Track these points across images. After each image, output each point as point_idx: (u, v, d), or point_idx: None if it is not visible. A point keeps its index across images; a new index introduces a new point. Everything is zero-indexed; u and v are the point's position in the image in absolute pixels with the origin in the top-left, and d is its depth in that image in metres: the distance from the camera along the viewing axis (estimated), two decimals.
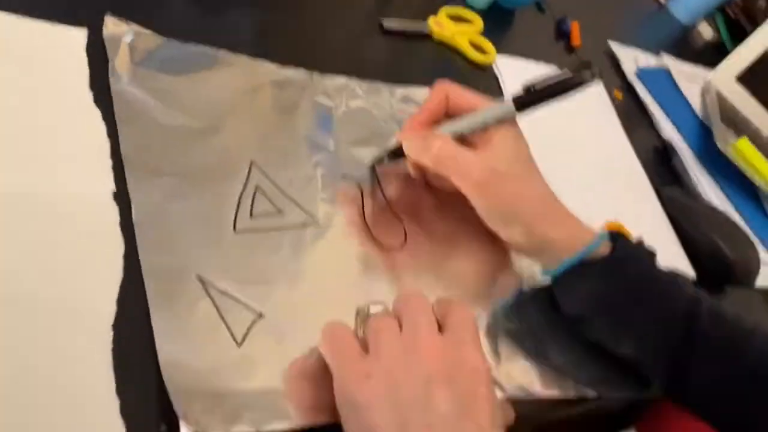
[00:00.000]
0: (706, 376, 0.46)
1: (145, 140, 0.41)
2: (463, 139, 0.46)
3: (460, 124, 0.46)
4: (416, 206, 0.50)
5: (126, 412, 0.31)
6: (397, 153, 0.47)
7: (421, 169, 0.47)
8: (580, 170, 0.68)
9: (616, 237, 0.47)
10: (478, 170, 0.44)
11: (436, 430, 0.32)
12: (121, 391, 0.31)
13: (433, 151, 0.45)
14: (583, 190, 0.66)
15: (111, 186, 0.38)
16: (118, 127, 0.40)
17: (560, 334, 0.49)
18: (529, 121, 0.66)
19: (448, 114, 0.48)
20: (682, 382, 0.47)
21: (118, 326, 0.33)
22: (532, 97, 0.45)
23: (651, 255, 0.48)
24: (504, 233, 0.47)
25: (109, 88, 0.41)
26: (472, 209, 0.46)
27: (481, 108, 0.46)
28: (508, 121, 0.46)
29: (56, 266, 0.34)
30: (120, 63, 0.43)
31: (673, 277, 0.48)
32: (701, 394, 0.47)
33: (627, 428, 0.93)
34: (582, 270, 0.46)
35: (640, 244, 0.48)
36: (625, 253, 0.46)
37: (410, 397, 0.32)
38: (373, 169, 0.49)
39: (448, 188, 0.46)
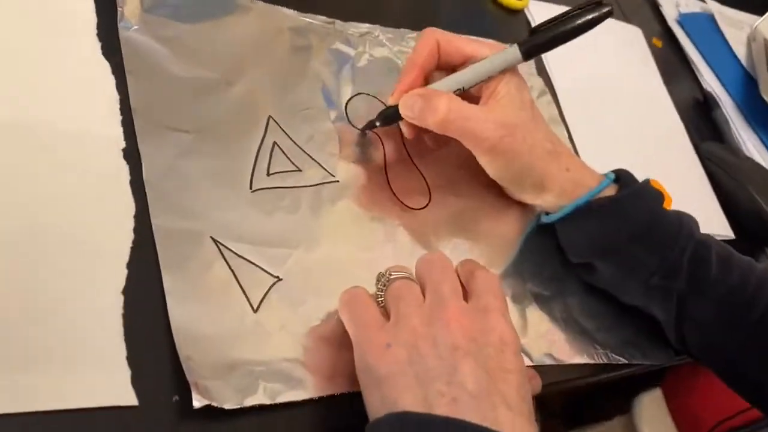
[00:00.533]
0: (712, 323, 0.44)
1: (157, 93, 0.38)
2: (464, 94, 0.43)
3: (463, 79, 0.42)
4: (424, 159, 0.47)
5: (137, 381, 0.30)
6: (391, 116, 0.43)
7: (417, 130, 0.44)
8: (616, 122, 0.65)
9: (621, 179, 0.46)
10: (491, 130, 0.41)
11: (462, 405, 0.30)
12: (132, 360, 0.30)
13: (440, 114, 0.41)
14: (618, 143, 0.63)
15: (121, 143, 0.36)
16: (127, 79, 0.38)
17: (588, 297, 0.47)
18: (563, 69, 0.63)
19: (440, 65, 0.44)
20: (688, 329, 0.45)
21: (128, 292, 0.32)
22: (538, 40, 0.41)
23: (657, 195, 0.46)
24: (513, 187, 0.46)
25: (118, 38, 0.39)
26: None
27: (479, 56, 0.43)
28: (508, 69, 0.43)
29: (62, 228, 0.32)
30: (129, 9, 0.40)
31: (678, 218, 0.45)
32: (707, 341, 0.45)
33: (652, 389, 0.92)
34: (585, 212, 0.44)
35: (645, 182, 0.46)
36: (629, 193, 0.44)
37: (434, 369, 0.31)
38: (363, 134, 0.45)
39: (449, 139, 0.43)
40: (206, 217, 0.36)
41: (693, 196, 0.63)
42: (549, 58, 0.63)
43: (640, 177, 0.61)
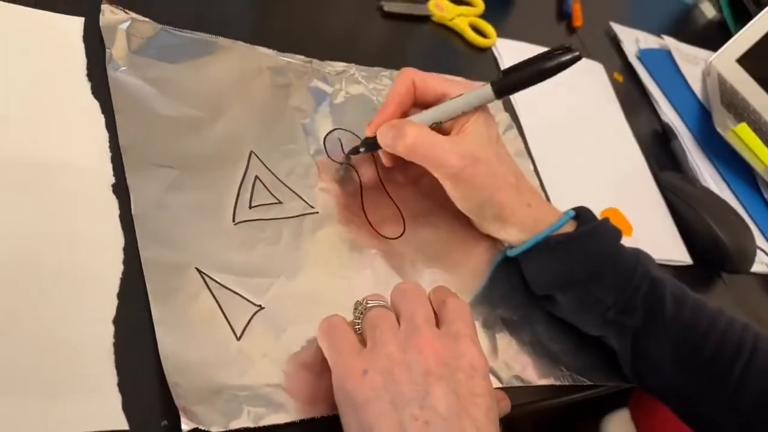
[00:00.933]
0: (666, 360, 0.46)
1: (144, 131, 0.40)
2: (439, 127, 0.46)
3: (439, 113, 0.46)
4: (400, 192, 0.50)
5: (128, 407, 0.31)
6: (372, 144, 0.46)
7: (394, 158, 0.47)
8: (579, 153, 0.68)
9: (580, 216, 0.48)
10: (454, 159, 0.44)
11: (434, 427, 0.32)
12: (123, 386, 0.32)
13: (408, 140, 0.44)
14: (582, 175, 0.66)
15: (110, 179, 0.38)
16: (116, 118, 0.40)
17: (554, 323, 0.50)
18: (528, 103, 0.66)
19: (416, 102, 0.47)
20: (642, 364, 0.47)
21: (119, 321, 0.33)
22: (510, 80, 0.44)
23: (615, 233, 0.48)
24: (477, 218, 0.48)
25: (107, 79, 0.41)
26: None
27: (452, 94, 0.46)
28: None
29: (54, 261, 0.34)
30: (117, 51, 0.42)
31: (635, 256, 0.47)
32: (661, 377, 0.47)
33: (620, 409, 0.95)
34: (545, 248, 0.47)
35: (605, 222, 0.48)
36: (587, 230, 0.47)
37: (408, 393, 0.33)
38: (348, 159, 0.48)
39: (422, 173, 0.46)
40: (192, 249, 0.38)
41: (653, 224, 0.67)
42: (515, 93, 0.66)
43: (603, 206, 0.64)
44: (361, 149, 0.47)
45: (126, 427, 0.31)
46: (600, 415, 0.94)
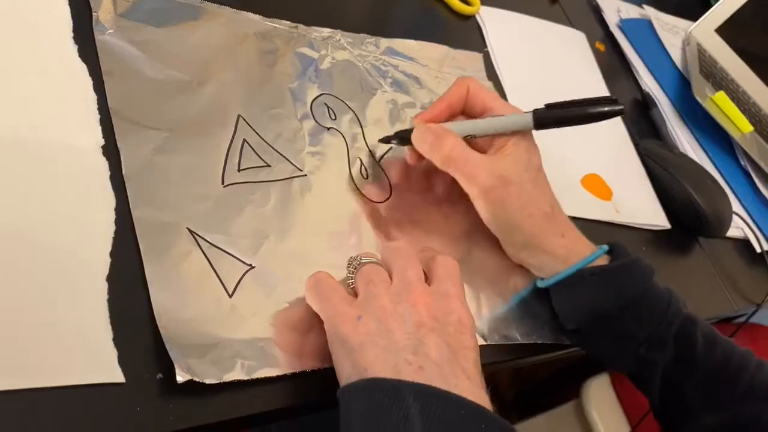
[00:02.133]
0: (697, 398, 0.46)
1: (132, 93, 0.41)
2: (474, 141, 0.47)
3: (475, 127, 0.46)
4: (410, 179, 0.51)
5: (124, 361, 0.32)
6: (405, 138, 0.47)
7: (420, 159, 0.47)
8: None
9: (614, 250, 0.48)
10: (485, 175, 0.44)
11: (427, 372, 0.33)
12: (118, 341, 0.32)
13: (444, 150, 0.44)
14: (562, 140, 0.66)
15: (100, 140, 0.38)
16: (104, 80, 0.40)
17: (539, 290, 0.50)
18: (511, 68, 0.67)
19: (465, 110, 0.48)
20: (674, 400, 0.47)
21: (112, 279, 0.34)
22: (551, 115, 0.45)
23: (648, 269, 0.47)
24: (504, 240, 0.48)
25: (94, 41, 0.41)
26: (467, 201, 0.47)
27: (497, 111, 0.46)
28: (524, 132, 0.46)
29: (47, 221, 0.34)
30: (103, 14, 0.42)
31: (668, 293, 0.47)
32: (692, 415, 0.47)
33: (600, 374, 0.97)
34: (577, 280, 0.46)
35: (638, 258, 0.47)
36: (620, 264, 0.46)
37: (402, 341, 0.34)
38: (383, 142, 0.49)
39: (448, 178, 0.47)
40: (182, 209, 0.38)
41: (633, 190, 0.68)
42: (499, 59, 0.67)
43: (584, 171, 0.65)
44: (393, 141, 0.48)
45: (122, 380, 0.32)
46: (581, 380, 0.97)
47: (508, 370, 1.07)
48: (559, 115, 0.45)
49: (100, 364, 0.32)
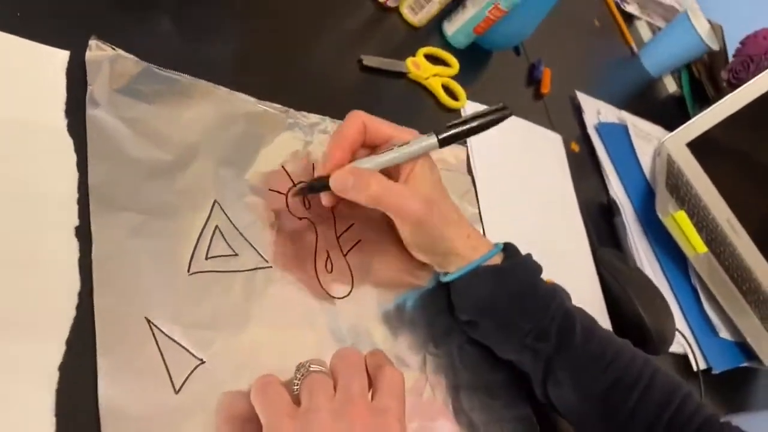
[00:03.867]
0: (571, 385, 0.52)
1: (113, 173, 0.41)
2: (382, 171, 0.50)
3: (387, 159, 0.49)
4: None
5: None
6: (319, 187, 0.49)
7: (337, 200, 0.50)
8: (525, 219, 0.71)
9: (508, 249, 0.54)
10: (416, 206, 0.49)
11: None
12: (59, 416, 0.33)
13: (371, 191, 0.47)
14: (523, 239, 0.69)
15: (75, 220, 0.39)
16: (88, 158, 0.40)
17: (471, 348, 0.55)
18: (484, 164, 0.69)
19: (365, 144, 0.51)
20: (551, 388, 0.53)
21: (64, 368, 0.34)
22: (452, 134, 0.49)
23: (537, 268, 0.54)
24: (426, 254, 0.53)
25: (84, 117, 0.42)
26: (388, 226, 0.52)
27: (398, 138, 0.50)
28: None
29: (6, 302, 0.34)
30: (98, 88, 0.43)
31: (553, 289, 0.53)
32: (565, 400, 0.53)
33: None
34: (474, 275, 0.52)
35: (528, 256, 0.54)
36: (512, 263, 0.52)
37: None
38: (295, 195, 0.51)
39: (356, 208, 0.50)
40: (144, 297, 0.39)
41: (584, 298, 0.70)
42: (475, 155, 0.69)
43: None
44: (306, 191, 0.50)
45: None
46: None
47: None
48: (458, 131, 0.49)
49: None
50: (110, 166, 0.41)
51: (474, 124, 0.50)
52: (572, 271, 0.72)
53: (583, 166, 0.86)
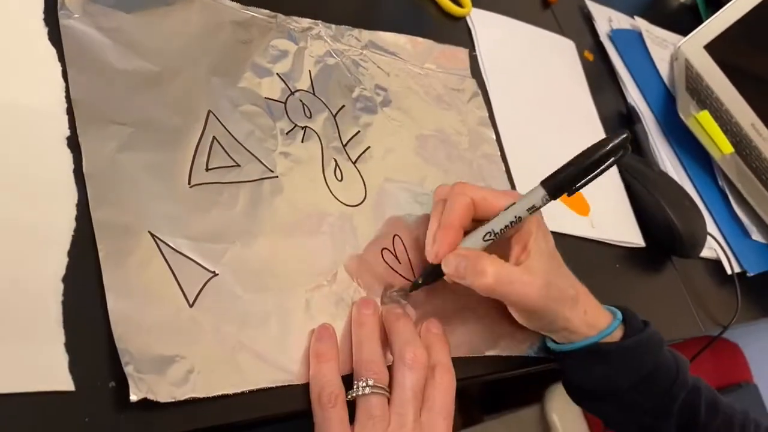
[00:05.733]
0: None
1: (97, 85, 0.38)
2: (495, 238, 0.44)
3: (492, 225, 0.43)
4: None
5: (75, 367, 0.31)
6: (433, 274, 0.44)
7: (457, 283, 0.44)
8: (543, 129, 0.68)
9: (628, 321, 0.48)
10: (535, 294, 0.43)
11: None
12: (70, 346, 0.31)
13: (488, 280, 0.41)
14: (544, 150, 0.66)
15: (65, 131, 0.36)
16: (68, 70, 0.38)
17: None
18: (497, 75, 0.66)
19: (476, 217, 0.45)
20: None
21: (68, 279, 0.33)
22: (560, 178, 0.41)
23: (660, 342, 0.48)
24: (532, 326, 0.47)
25: None
26: None
27: (506, 203, 0.44)
28: (533, 218, 0.44)
29: (4, 214, 0.32)
30: None
31: (675, 363, 0.48)
32: None
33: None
34: (595, 352, 0.47)
35: (652, 331, 0.48)
36: (635, 344, 0.47)
37: None
38: (413, 289, 0.46)
39: None
40: (145, 211, 0.37)
41: (610, 206, 0.68)
42: (486, 63, 0.66)
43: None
44: (420, 282, 0.45)
45: (72, 388, 0.31)
46: (545, 384, 0.98)
47: None
48: (566, 177, 0.41)
49: (49, 370, 0.30)
50: (92, 78, 0.39)
51: (582, 165, 0.40)
52: (597, 181, 0.68)
53: (599, 75, 0.82)
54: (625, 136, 0.41)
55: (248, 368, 0.36)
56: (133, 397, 0.31)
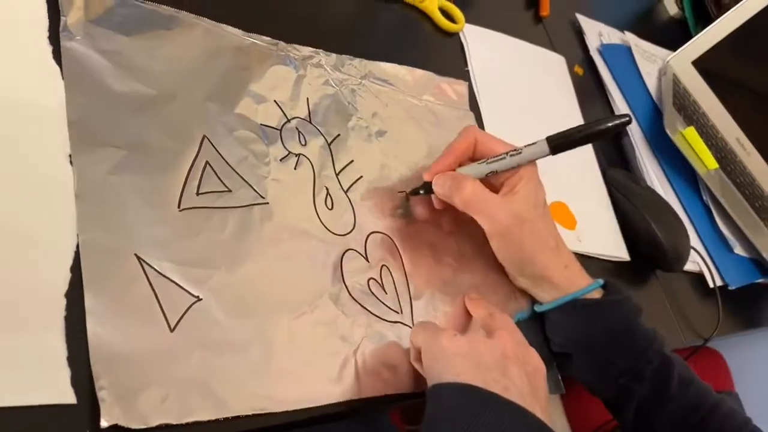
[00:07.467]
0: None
1: (93, 106, 0.39)
2: (486, 181, 0.49)
3: (490, 166, 0.49)
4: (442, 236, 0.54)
5: (77, 381, 0.32)
6: (427, 189, 0.50)
7: (445, 204, 0.50)
8: (531, 140, 0.69)
9: (608, 286, 0.52)
10: (503, 215, 0.48)
11: (511, 393, 0.37)
12: (72, 360, 0.32)
13: (464, 193, 0.48)
14: None
15: (67, 148, 0.37)
16: (65, 91, 0.38)
17: None
18: (488, 88, 0.67)
19: (474, 157, 0.51)
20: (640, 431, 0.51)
21: (71, 296, 0.34)
22: (564, 137, 0.48)
23: (637, 308, 0.52)
24: (513, 272, 0.53)
25: None
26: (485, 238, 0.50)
27: (503, 149, 0.49)
28: (529, 166, 0.50)
29: (6, 229, 0.33)
30: (73, 19, 0.41)
31: (653, 332, 0.51)
32: None
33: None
34: (571, 308, 0.51)
35: (627, 297, 0.52)
36: (611, 301, 0.50)
37: (490, 363, 0.40)
38: (407, 197, 0.52)
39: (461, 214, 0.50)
40: (133, 234, 0.37)
41: (597, 220, 0.69)
42: (478, 79, 0.67)
43: (550, 199, 0.66)
44: (421, 191, 0.51)
45: (74, 401, 0.32)
46: None
47: None
48: (571, 136, 0.48)
49: (51, 383, 0.31)
50: (89, 99, 0.39)
51: (589, 131, 0.48)
52: (583, 193, 0.71)
53: (588, 90, 0.83)
54: (626, 119, 0.47)
55: (225, 395, 0.36)
56: (104, 423, 0.31)
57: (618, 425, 0.82)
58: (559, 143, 0.48)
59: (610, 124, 0.47)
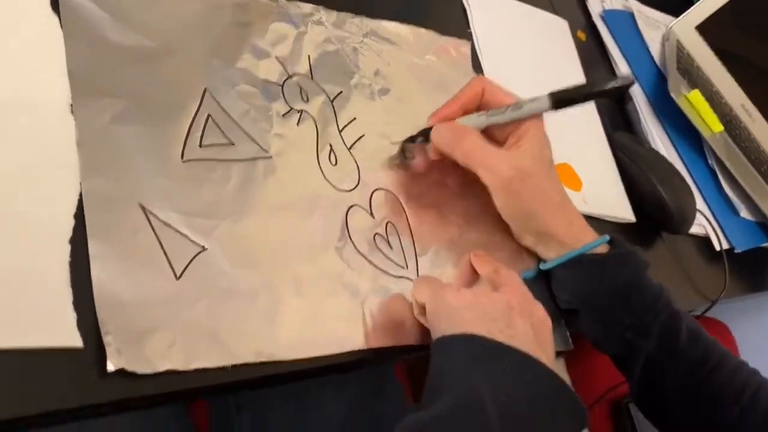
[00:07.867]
0: (674, 388, 0.50)
1: (94, 58, 0.39)
2: (490, 133, 0.48)
3: (492, 118, 0.48)
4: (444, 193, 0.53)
5: (83, 325, 0.32)
6: (418, 137, 0.49)
7: (443, 155, 0.48)
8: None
9: (614, 242, 0.51)
10: (505, 168, 0.47)
11: (516, 342, 0.37)
12: (78, 305, 0.32)
13: (465, 146, 0.46)
14: None
15: (68, 98, 0.37)
16: (64, 41, 0.38)
17: None
18: (491, 53, 0.67)
19: (480, 107, 0.49)
20: (652, 388, 0.51)
21: (75, 241, 0.33)
22: (567, 93, 0.47)
23: (643, 263, 0.51)
24: (516, 229, 0.51)
25: None
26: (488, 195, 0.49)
27: (511, 101, 0.48)
28: (535, 121, 0.48)
29: (8, 177, 0.33)
30: None
31: (659, 287, 0.51)
32: (666, 403, 0.51)
33: (557, 356, 0.99)
34: (577, 264, 0.50)
35: (634, 252, 0.51)
36: (617, 256, 0.49)
37: (495, 313, 0.40)
38: (402, 147, 0.51)
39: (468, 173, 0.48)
40: (136, 183, 0.37)
41: (602, 182, 0.69)
42: (480, 41, 0.66)
43: (556, 161, 0.66)
44: (418, 139, 0.49)
45: (80, 344, 0.32)
46: None
47: None
48: (573, 93, 0.47)
49: (58, 327, 0.31)
50: (88, 50, 0.39)
51: (591, 90, 0.48)
52: (589, 156, 0.70)
53: (591, 55, 0.82)
54: (629, 83, 0.46)
55: (231, 342, 0.36)
56: (111, 367, 0.31)
57: (624, 394, 0.83)
58: (561, 98, 0.47)
59: (614, 85, 0.46)
